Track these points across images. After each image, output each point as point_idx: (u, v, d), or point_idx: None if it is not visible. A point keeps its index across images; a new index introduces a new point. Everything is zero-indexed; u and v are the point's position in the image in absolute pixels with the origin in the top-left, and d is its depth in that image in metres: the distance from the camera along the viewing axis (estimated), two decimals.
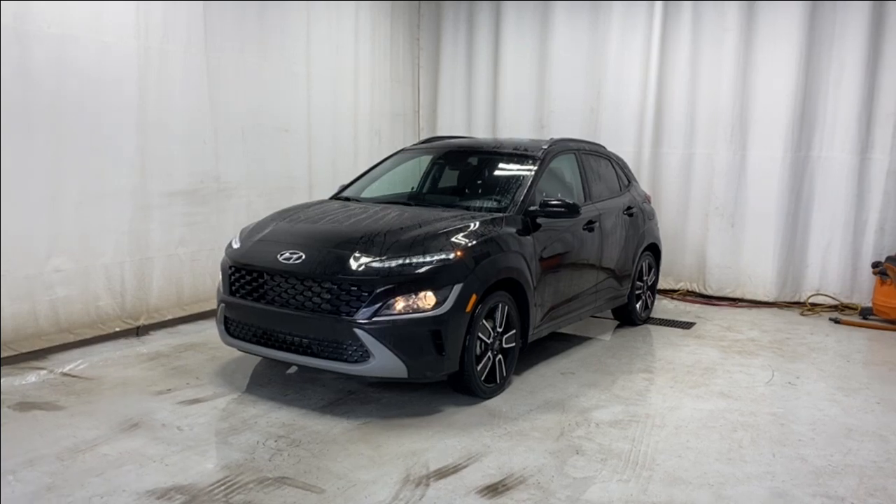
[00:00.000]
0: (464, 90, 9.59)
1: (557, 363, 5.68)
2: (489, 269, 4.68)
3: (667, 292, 8.44)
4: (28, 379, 4.97)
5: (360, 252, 4.52)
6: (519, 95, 9.18)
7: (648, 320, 7.20)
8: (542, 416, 4.57)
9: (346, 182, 6.35)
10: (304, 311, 4.48)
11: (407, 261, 4.44)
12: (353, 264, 4.44)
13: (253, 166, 7.13)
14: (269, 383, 5.03)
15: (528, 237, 5.14)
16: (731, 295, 8.27)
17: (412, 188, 6.36)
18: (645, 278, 7.08)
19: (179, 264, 6.52)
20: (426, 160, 6.40)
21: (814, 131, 7.79)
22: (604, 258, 6.16)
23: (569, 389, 5.07)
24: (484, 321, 4.68)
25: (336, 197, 5.99)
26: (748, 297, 8.19)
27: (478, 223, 4.90)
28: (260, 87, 7.11)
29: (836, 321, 7.34)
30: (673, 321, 7.24)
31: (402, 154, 6.47)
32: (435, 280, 4.41)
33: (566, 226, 5.61)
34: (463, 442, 4.14)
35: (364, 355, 4.36)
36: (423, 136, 9.86)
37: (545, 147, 5.87)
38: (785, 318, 7.54)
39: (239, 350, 5.03)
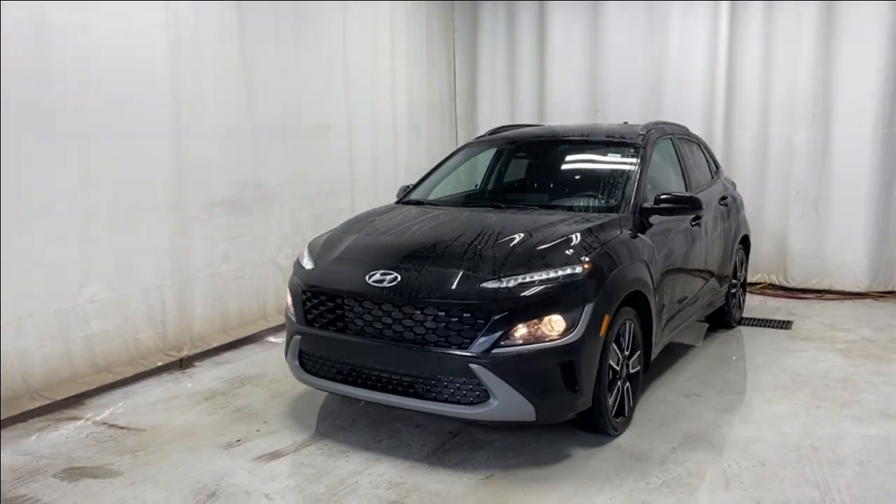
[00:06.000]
0: (505, 74, 8.80)
1: (672, 382, 4.94)
2: (618, 282, 3.91)
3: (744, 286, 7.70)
4: (68, 433, 4.19)
5: (468, 269, 3.74)
6: (568, 77, 8.41)
7: (741, 321, 6.46)
8: (691, 456, 3.82)
9: (409, 184, 5.56)
10: (404, 343, 3.71)
11: (528, 278, 3.66)
12: (462, 285, 3.66)
13: (294, 169, 6.34)
14: (351, 425, 4.27)
15: (646, 239, 4.39)
16: (816, 287, 7.53)
17: (479, 185, 5.58)
18: (739, 275, 6.34)
19: (223, 284, 5.72)
20: (501, 154, 5.60)
21: None
22: (709, 257, 5.42)
23: (704, 417, 4.33)
24: (613, 345, 3.93)
25: (405, 201, 5.20)
26: (836, 288, 7.45)
27: (595, 227, 4.13)
28: (298, 78, 6.30)
29: None
30: (767, 320, 6.51)
31: (469, 148, 5.68)
32: (563, 300, 3.64)
33: (677, 223, 4.86)
34: (617, 499, 3.39)
35: (482, 396, 3.59)
36: (461, 128, 9.09)
37: (643, 133, 5.10)
38: (887, 310, 6.82)
39: (318, 389, 4.25)
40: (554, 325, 3.61)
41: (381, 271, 3.86)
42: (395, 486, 3.54)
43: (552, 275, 3.68)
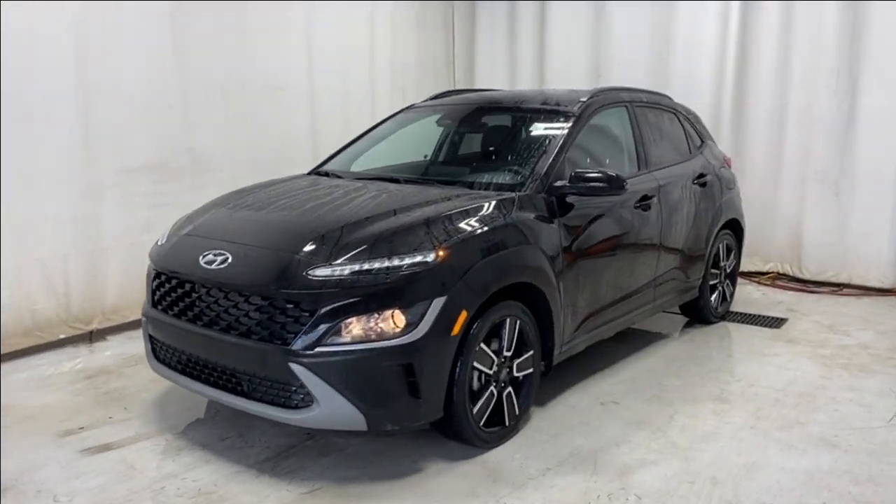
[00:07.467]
0: (505, 35, 8.13)
1: (598, 385, 4.32)
2: (488, 273, 3.34)
3: (753, 275, 6.89)
4: None
5: (303, 253, 3.25)
6: (571, 40, 7.67)
7: (727, 315, 5.71)
8: (561, 479, 3.25)
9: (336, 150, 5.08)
10: (231, 334, 3.26)
11: (366, 266, 3.14)
12: (291, 272, 3.18)
13: (237, 133, 5.93)
14: (212, 419, 3.88)
15: (553, 224, 3.77)
16: (833, 279, 6.63)
17: (425, 157, 5.05)
18: (722, 264, 5.57)
19: (144, 255, 5.39)
20: (429, 122, 5.03)
21: None
22: (665, 243, 4.72)
23: (607, 431, 3.72)
24: (483, 345, 3.36)
25: (315, 171, 4.73)
26: (856, 281, 6.54)
27: (477, 208, 3.55)
28: (242, 35, 5.86)
29: None
30: (758, 317, 5.73)
31: (407, 113, 5.14)
32: (405, 293, 3.10)
33: (610, 205, 4.19)
34: None
35: (306, 399, 3.12)
36: None
37: (584, 99, 4.43)
38: None
39: (167, 379, 3.85)
40: (394, 321, 3.09)
41: (215, 251, 3.42)
42: (203, 494, 3.13)
43: (396, 263, 3.15)
